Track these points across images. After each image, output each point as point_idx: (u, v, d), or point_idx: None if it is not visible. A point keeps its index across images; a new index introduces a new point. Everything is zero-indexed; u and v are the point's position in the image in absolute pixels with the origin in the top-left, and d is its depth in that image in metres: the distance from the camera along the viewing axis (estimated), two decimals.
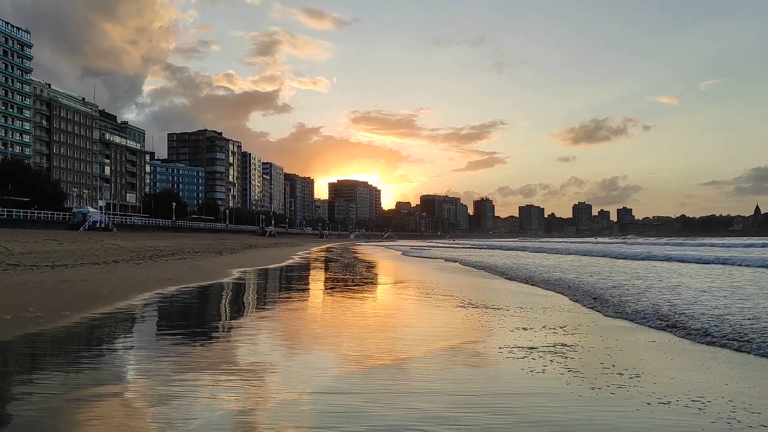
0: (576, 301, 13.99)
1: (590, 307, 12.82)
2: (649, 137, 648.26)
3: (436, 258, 44.64)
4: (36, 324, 10.02)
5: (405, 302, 15.48)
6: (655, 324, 10.08)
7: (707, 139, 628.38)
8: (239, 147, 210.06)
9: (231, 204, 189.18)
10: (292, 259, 42.72)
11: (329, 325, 11.05)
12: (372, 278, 24.73)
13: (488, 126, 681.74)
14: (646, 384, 6.50)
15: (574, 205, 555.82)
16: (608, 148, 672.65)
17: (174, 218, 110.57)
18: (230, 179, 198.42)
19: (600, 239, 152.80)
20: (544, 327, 10.26)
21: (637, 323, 10.41)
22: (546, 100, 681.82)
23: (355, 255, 54.92)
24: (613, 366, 7.35)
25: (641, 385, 6.44)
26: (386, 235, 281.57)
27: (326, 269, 31.59)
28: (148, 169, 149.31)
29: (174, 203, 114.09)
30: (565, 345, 8.54)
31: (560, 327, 10.22)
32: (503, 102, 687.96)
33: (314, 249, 76.22)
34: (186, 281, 19.27)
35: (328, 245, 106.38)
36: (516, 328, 10.17)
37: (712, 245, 63.43)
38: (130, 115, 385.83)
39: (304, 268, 32.49)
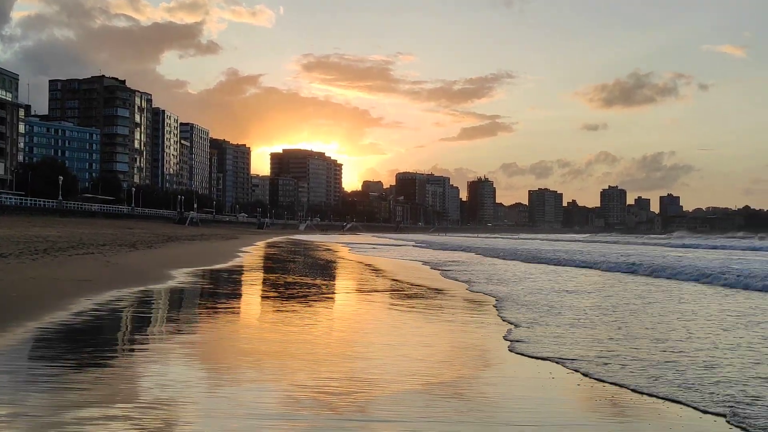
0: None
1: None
2: (706, 100, 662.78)
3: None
4: None
5: (393, 318, 17.01)
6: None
7: None
8: (149, 101, 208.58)
9: (137, 179, 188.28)
10: (238, 257, 44.39)
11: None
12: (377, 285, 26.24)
13: (490, 80, 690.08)
14: None
15: (603, 189, 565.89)
16: (651, 114, 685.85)
17: (61, 197, 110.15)
18: (136, 145, 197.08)
19: (634, 237, 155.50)
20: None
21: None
22: (570, 46, 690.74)
23: (338, 255, 56.32)
24: None
25: None
26: (349, 225, 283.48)
27: (310, 271, 32.97)
28: (22, 128, 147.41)
29: (61, 177, 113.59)
30: None
31: None
32: (511, 48, 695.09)
33: (259, 243, 77.71)
34: (116, 283, 20.43)
35: (274, 238, 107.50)
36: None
37: None
38: None
39: (268, 268, 33.89)
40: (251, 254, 50.28)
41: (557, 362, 10.28)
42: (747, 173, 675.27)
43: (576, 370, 9.78)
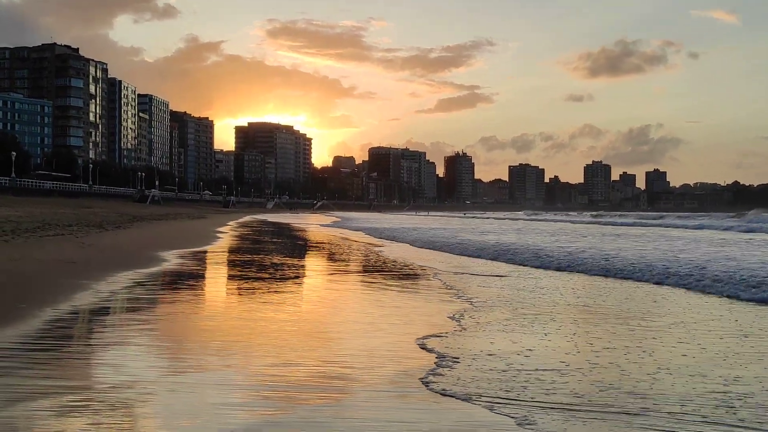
0: None
1: None
2: (695, 69, 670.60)
3: None
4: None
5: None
6: None
7: None
8: (105, 71, 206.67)
9: (92, 155, 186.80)
10: (219, 238, 45.17)
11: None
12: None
13: (469, 48, 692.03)
14: None
15: (587, 165, 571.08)
16: (639, 84, 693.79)
17: (14, 174, 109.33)
18: (91, 118, 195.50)
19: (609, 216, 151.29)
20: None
21: None
22: (553, 12, 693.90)
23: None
24: None
25: None
26: (319, 204, 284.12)
27: (302, 251, 33.81)
28: None
29: (14, 153, 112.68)
30: None
31: None
32: (491, 14, 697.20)
33: (231, 223, 78.25)
34: (107, 266, 20.89)
35: (244, 218, 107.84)
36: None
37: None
38: None
39: (253, 250, 34.84)
40: (229, 234, 51.09)
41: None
42: (737, 146, 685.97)
43: None
